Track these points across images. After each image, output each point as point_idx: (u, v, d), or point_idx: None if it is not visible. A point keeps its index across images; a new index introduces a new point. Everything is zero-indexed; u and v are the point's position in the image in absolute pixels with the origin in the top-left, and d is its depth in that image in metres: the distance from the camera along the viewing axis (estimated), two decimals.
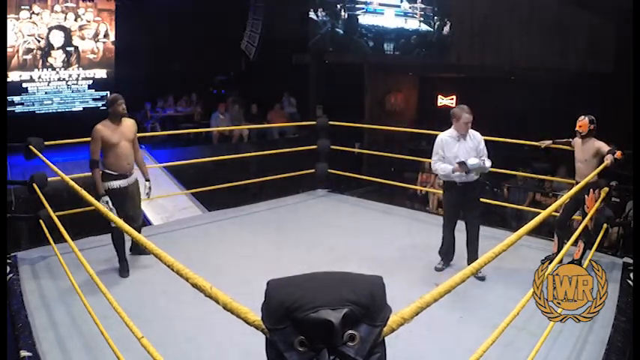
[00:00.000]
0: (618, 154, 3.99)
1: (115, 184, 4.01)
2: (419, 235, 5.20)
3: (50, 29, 9.84)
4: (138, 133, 4.24)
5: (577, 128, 4.18)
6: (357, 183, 8.76)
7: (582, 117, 4.17)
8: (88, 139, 4.01)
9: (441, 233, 4.31)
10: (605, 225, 4.32)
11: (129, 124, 4.12)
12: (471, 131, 4.10)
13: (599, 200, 4.13)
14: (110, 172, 3.99)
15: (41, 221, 4.18)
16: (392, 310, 1.11)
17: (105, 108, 10.41)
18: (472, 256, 4.10)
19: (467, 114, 4.03)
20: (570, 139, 4.42)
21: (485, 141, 4.32)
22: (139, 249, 4.34)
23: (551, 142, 4.71)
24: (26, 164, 4.82)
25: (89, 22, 10.31)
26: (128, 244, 4.28)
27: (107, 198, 3.91)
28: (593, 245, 4.00)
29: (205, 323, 3.24)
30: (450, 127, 4.16)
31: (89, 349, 2.98)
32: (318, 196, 6.70)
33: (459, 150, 4.02)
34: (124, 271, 4.08)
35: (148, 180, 4.38)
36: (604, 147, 4.06)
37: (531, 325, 3.11)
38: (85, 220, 4.97)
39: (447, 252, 4.28)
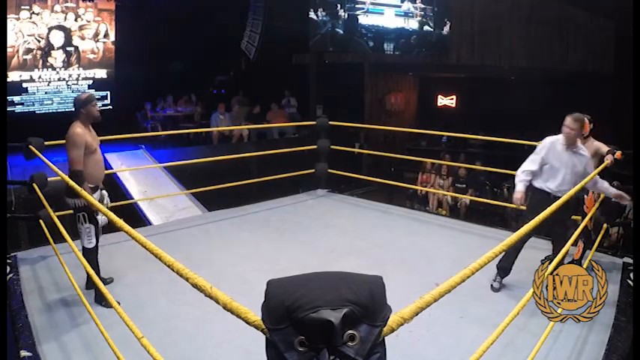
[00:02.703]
0: (618, 154, 3.99)
1: (95, 195, 3.56)
2: (419, 235, 5.20)
3: (50, 29, 9.85)
4: (138, 133, 4.14)
5: None
6: (357, 183, 8.78)
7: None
8: None
9: (443, 233, 4.29)
10: (605, 225, 4.33)
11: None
12: (582, 147, 3.73)
13: (599, 200, 4.13)
14: (89, 185, 3.47)
15: (41, 221, 4.18)
16: (392, 310, 1.11)
17: (105, 108, 10.56)
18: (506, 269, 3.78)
19: (588, 123, 3.70)
20: None
21: (486, 141, 4.30)
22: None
23: None
24: (26, 164, 4.82)
25: (89, 22, 10.32)
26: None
27: (101, 213, 3.33)
28: (593, 245, 4.00)
29: (205, 323, 3.24)
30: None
31: (89, 349, 2.98)
32: (318, 196, 6.69)
33: (566, 161, 3.65)
34: (103, 299, 3.31)
35: (103, 189, 3.75)
36: (603, 147, 4.06)
37: (531, 325, 3.10)
38: None
39: (506, 267, 3.77)
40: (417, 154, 10.43)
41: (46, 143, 4.49)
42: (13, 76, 9.63)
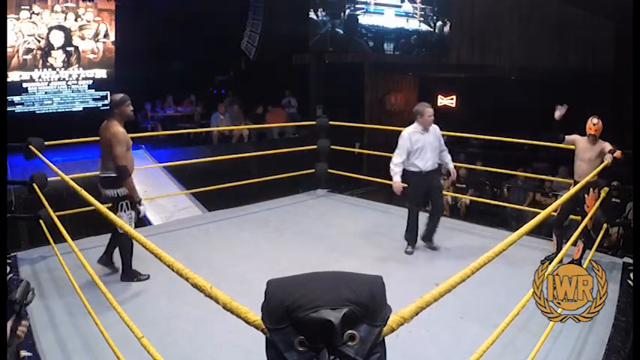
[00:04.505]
0: (618, 153, 4.00)
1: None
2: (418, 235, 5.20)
3: (50, 29, 9.83)
4: (137, 133, 4.18)
5: (593, 132, 4.11)
6: (357, 183, 8.77)
7: (596, 120, 4.11)
8: (88, 139, 3.97)
9: (443, 233, 4.34)
10: (605, 225, 4.33)
11: None
12: (432, 125, 4.62)
13: (599, 200, 4.14)
14: None
15: (41, 221, 4.18)
16: (392, 310, 1.11)
17: (105, 108, 10.54)
18: (429, 237, 4.77)
19: (430, 109, 4.56)
20: (562, 133, 4.37)
21: (486, 141, 4.39)
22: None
23: (561, 115, 4.29)
24: (26, 164, 4.82)
25: (89, 22, 10.31)
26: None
27: (144, 202, 3.87)
28: (593, 245, 4.00)
29: (205, 323, 3.25)
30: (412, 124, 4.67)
31: (89, 349, 2.98)
32: (318, 196, 6.70)
33: (425, 142, 4.54)
34: (135, 276, 3.96)
35: None
36: (608, 146, 4.08)
37: (531, 325, 3.11)
38: (85, 220, 4.97)
39: (413, 237, 4.72)
40: None
41: (46, 143, 4.49)
42: (13, 76, 9.61)
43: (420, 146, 4.52)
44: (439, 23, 10.77)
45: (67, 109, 10.34)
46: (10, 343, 1.56)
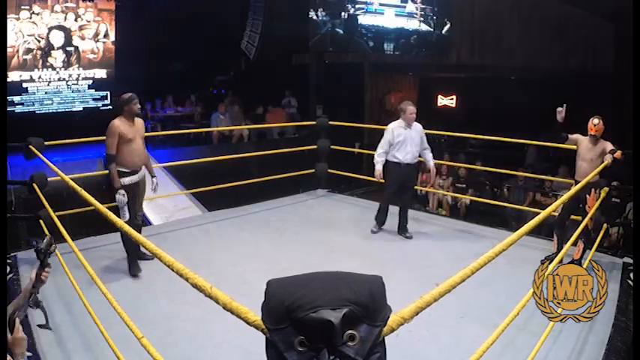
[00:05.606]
0: (618, 154, 4.00)
1: (127, 180, 4.01)
2: (419, 235, 5.20)
3: (50, 29, 9.83)
4: None
5: (594, 132, 4.12)
6: (357, 183, 8.77)
7: (597, 120, 4.12)
8: (88, 139, 3.98)
9: (443, 233, 4.33)
10: (605, 225, 4.33)
11: (140, 123, 4.18)
12: (414, 123, 4.99)
13: (600, 200, 4.14)
14: (123, 169, 3.99)
15: (41, 221, 4.18)
16: (392, 310, 1.11)
17: (105, 108, 10.56)
18: (403, 228, 5.13)
19: (412, 107, 4.93)
20: (565, 133, 4.36)
21: (486, 141, 4.40)
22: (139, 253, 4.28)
23: (562, 117, 4.27)
24: (26, 164, 4.82)
25: (89, 22, 10.30)
26: None
27: (123, 191, 3.92)
28: (593, 245, 4.00)
29: (205, 323, 3.24)
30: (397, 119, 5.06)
31: (89, 349, 2.98)
32: (318, 196, 6.70)
33: (406, 137, 4.92)
34: (136, 270, 4.07)
35: (154, 176, 4.39)
36: (609, 146, 4.08)
37: (531, 325, 3.11)
38: (85, 220, 4.97)
39: (381, 218, 5.21)
40: None
41: (46, 143, 4.49)
42: (13, 76, 9.61)
43: (401, 140, 4.90)
44: (448, 25, 10.77)
45: (67, 109, 10.33)
46: (35, 285, 1.88)
